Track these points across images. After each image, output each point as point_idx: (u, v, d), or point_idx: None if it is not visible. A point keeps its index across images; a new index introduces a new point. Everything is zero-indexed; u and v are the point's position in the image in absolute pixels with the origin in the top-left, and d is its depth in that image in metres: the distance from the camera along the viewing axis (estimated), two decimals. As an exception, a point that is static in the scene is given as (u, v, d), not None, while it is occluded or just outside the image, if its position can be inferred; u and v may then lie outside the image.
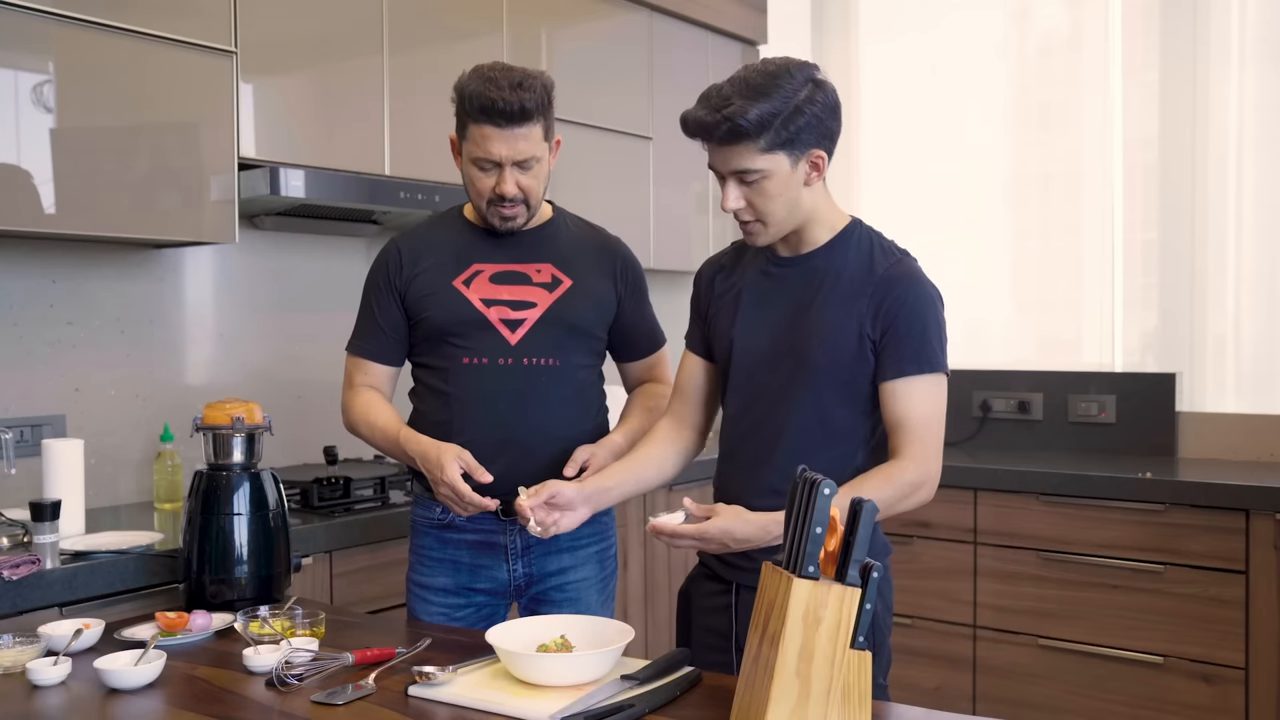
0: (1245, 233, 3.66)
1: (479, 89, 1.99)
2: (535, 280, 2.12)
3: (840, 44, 4.50)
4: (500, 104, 1.97)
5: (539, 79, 2.03)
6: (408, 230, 2.24)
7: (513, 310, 2.09)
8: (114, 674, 1.60)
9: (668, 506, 3.48)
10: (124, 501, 2.80)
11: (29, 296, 2.64)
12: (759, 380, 1.86)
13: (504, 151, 2.00)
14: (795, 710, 1.30)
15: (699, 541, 1.70)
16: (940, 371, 1.78)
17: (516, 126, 1.99)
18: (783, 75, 1.71)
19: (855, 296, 1.77)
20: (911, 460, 1.74)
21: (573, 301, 2.12)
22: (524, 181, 2.04)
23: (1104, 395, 3.78)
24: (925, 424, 1.76)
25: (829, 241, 1.83)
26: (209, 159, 2.58)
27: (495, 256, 2.13)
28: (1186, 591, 3.14)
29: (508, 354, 2.07)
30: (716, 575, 1.92)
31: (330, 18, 2.86)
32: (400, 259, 2.15)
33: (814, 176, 1.76)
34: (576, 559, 2.14)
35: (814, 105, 1.72)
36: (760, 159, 1.71)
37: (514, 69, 2.03)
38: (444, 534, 2.13)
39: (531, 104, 1.99)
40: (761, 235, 1.81)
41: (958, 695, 3.50)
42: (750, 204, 1.76)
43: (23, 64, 2.31)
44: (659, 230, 3.94)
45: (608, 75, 3.76)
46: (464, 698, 1.52)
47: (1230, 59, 3.65)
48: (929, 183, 4.27)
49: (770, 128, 1.69)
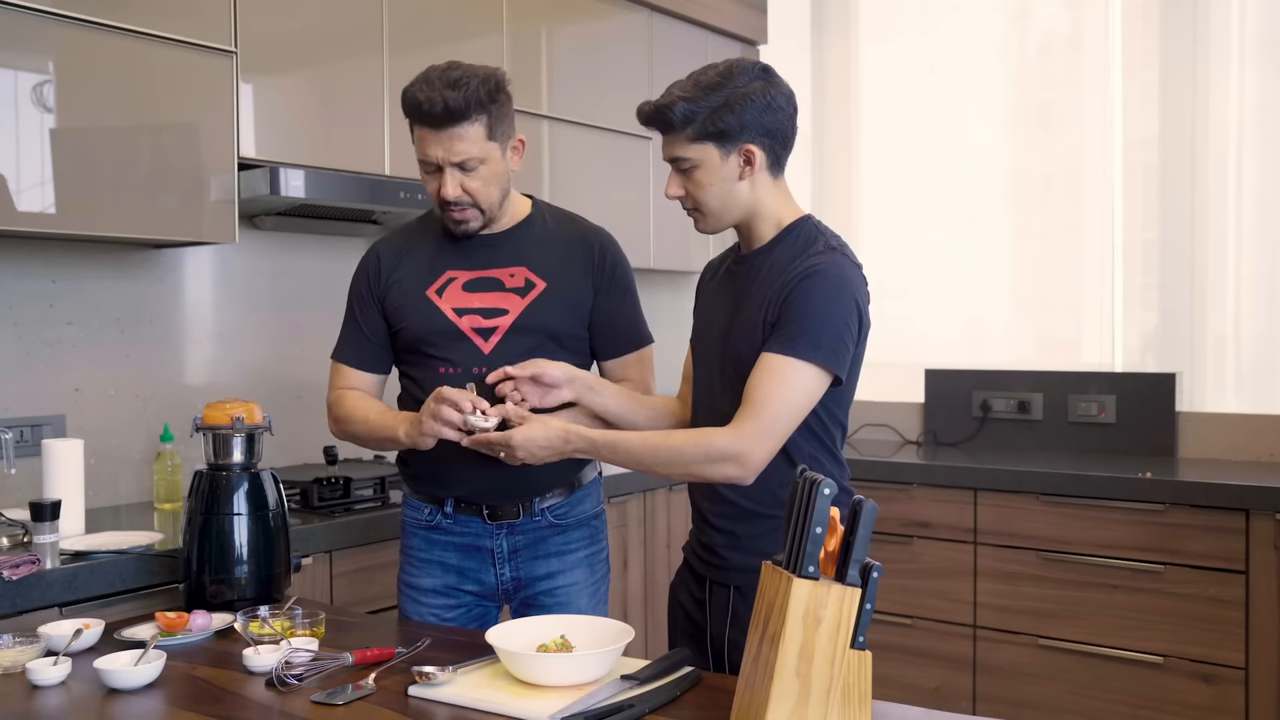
0: (1245, 233, 3.66)
1: (411, 89, 1.96)
2: (508, 285, 2.06)
3: (840, 44, 4.49)
4: (426, 104, 1.92)
5: (479, 77, 1.95)
6: (389, 234, 2.20)
7: (484, 318, 2.05)
8: (114, 674, 1.59)
9: (667, 506, 3.49)
10: (124, 501, 2.80)
11: (29, 296, 2.64)
12: (708, 375, 1.92)
13: (439, 153, 1.96)
14: (795, 710, 1.30)
15: (505, 446, 1.81)
16: (807, 360, 1.71)
17: (451, 127, 1.93)
18: (730, 73, 1.78)
19: (769, 289, 1.79)
20: (733, 430, 1.72)
21: (546, 306, 2.06)
22: (468, 184, 1.99)
23: (1104, 395, 3.78)
24: (764, 403, 1.71)
25: (774, 238, 1.85)
26: (209, 159, 2.58)
27: (469, 262, 2.08)
28: (1186, 591, 3.14)
29: (481, 363, 2.03)
30: (694, 571, 1.96)
31: (330, 18, 2.86)
32: (379, 265, 2.13)
33: (747, 171, 1.80)
34: (565, 563, 2.12)
35: (749, 102, 1.76)
36: (689, 148, 1.79)
37: (459, 67, 1.97)
38: (431, 535, 2.12)
39: (460, 103, 1.92)
40: (701, 223, 1.87)
41: (958, 695, 3.50)
42: (688, 192, 1.83)
43: (23, 64, 2.31)
44: (659, 230, 3.94)
45: (608, 75, 3.76)
46: (464, 698, 1.52)
47: (1230, 59, 3.65)
48: (929, 183, 4.27)
49: (695, 119, 1.77)
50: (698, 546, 1.94)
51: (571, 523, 2.12)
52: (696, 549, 1.95)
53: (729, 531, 1.86)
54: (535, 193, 3.43)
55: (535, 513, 2.08)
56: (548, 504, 2.09)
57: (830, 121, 4.45)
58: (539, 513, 2.08)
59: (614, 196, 3.77)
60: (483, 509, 2.07)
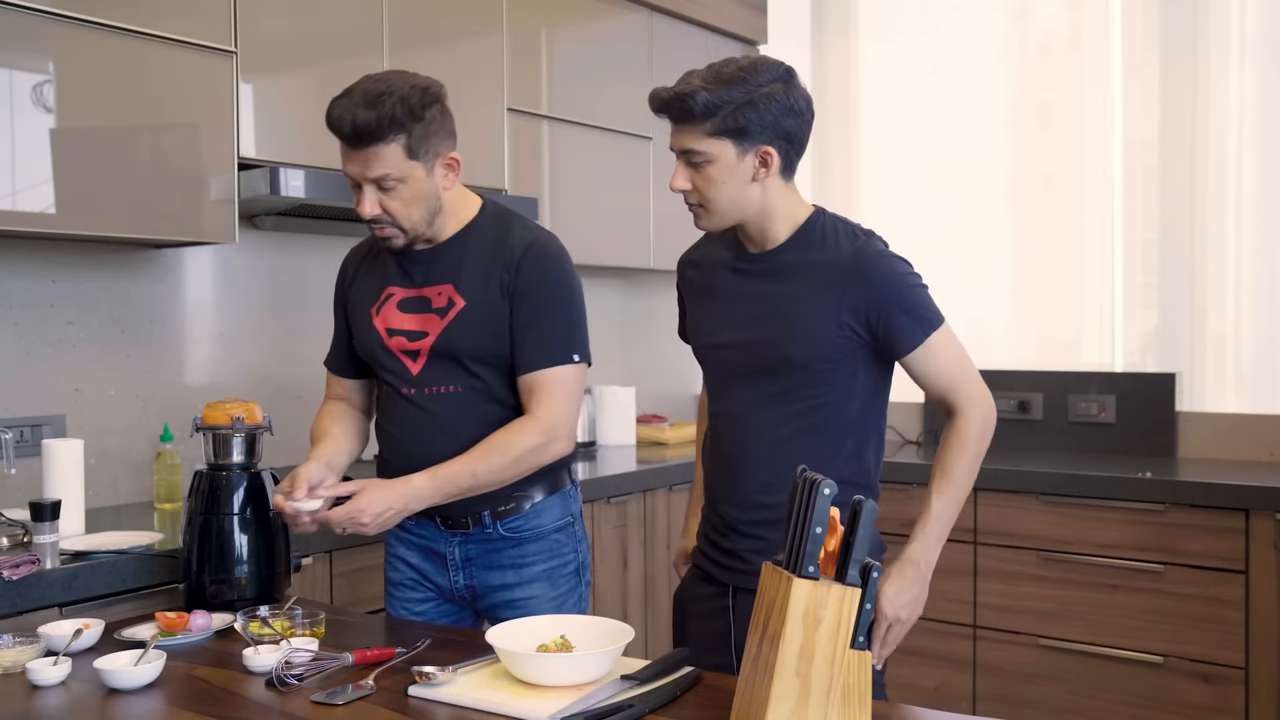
0: (1245, 233, 3.66)
1: (331, 103, 1.89)
2: (434, 305, 2.00)
3: (840, 44, 4.49)
4: (338, 122, 1.86)
5: (400, 93, 1.85)
6: (361, 243, 2.19)
7: (409, 340, 2.01)
8: (114, 674, 1.59)
9: (667, 506, 3.49)
10: (124, 501, 2.80)
11: (29, 296, 2.64)
12: (733, 375, 1.89)
13: (355, 170, 1.90)
14: (795, 710, 1.30)
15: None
16: (940, 324, 1.81)
17: (366, 146, 1.86)
18: (753, 70, 1.75)
19: (827, 287, 1.78)
20: (966, 407, 1.81)
21: (462, 327, 1.98)
22: (386, 203, 1.91)
23: (1104, 395, 3.78)
24: (959, 371, 1.81)
25: (792, 236, 1.84)
26: (209, 159, 2.58)
27: (408, 279, 2.04)
28: (1186, 591, 3.14)
29: (411, 384, 2.01)
30: (712, 578, 1.93)
31: (330, 18, 2.86)
32: (344, 275, 2.16)
33: (762, 172, 1.77)
34: (521, 576, 2.06)
35: (772, 102, 1.74)
36: (706, 142, 1.74)
37: (387, 81, 1.88)
38: (399, 533, 2.12)
39: (371, 123, 1.83)
40: (704, 219, 1.84)
41: (958, 695, 3.50)
42: (695, 187, 1.79)
43: (23, 64, 2.31)
44: (659, 230, 3.94)
45: (608, 75, 3.76)
46: (464, 698, 1.52)
47: (1230, 58, 3.65)
48: (929, 183, 4.27)
49: (718, 113, 1.72)
50: (717, 554, 1.91)
51: (527, 536, 2.06)
52: (716, 556, 1.92)
53: (758, 537, 1.84)
54: (535, 193, 3.46)
55: (486, 524, 2.04)
56: (500, 518, 2.04)
57: (830, 121, 4.45)
58: (490, 524, 2.04)
59: (614, 196, 3.77)
60: (436, 516, 2.05)
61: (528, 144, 3.43)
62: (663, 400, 4.45)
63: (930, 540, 1.78)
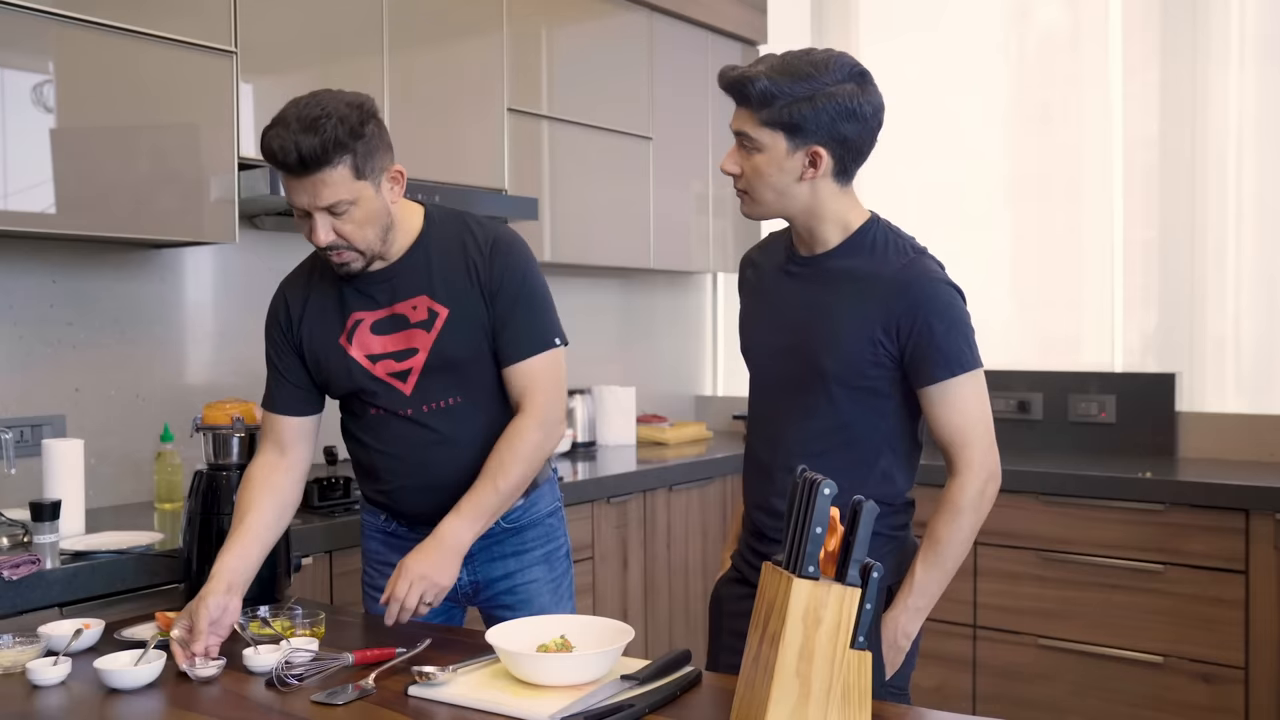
0: (1245, 233, 3.66)
1: (267, 134, 1.81)
2: (413, 320, 1.95)
3: (840, 44, 4.49)
4: (281, 154, 1.78)
5: (338, 115, 1.78)
6: (293, 273, 2.09)
7: (397, 361, 1.96)
8: (114, 674, 1.60)
9: (667, 506, 3.49)
10: (124, 501, 2.80)
11: (29, 296, 2.64)
12: (772, 381, 1.86)
13: (305, 200, 1.82)
14: (795, 710, 1.30)
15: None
16: (972, 370, 1.73)
17: (314, 172, 1.79)
18: (824, 66, 1.70)
19: (865, 300, 1.74)
20: (965, 469, 1.74)
21: (452, 334, 1.95)
22: (340, 228, 1.85)
23: (1104, 395, 3.78)
24: (971, 427, 1.73)
25: (843, 243, 1.80)
26: (209, 159, 2.58)
27: (372, 301, 1.97)
28: (1186, 591, 3.14)
29: (405, 405, 1.97)
30: (745, 579, 1.90)
31: (330, 18, 2.86)
32: (288, 312, 2.02)
33: (810, 173, 1.73)
34: (522, 563, 2.08)
35: (832, 103, 1.69)
36: (759, 129, 1.71)
37: (320, 103, 1.81)
38: (390, 540, 2.09)
39: (316, 149, 1.76)
40: (747, 206, 1.81)
41: (958, 695, 3.50)
42: (744, 172, 1.76)
43: (23, 64, 2.31)
44: (659, 230, 3.94)
45: (608, 75, 3.76)
46: (464, 698, 1.52)
47: (1230, 59, 3.65)
48: (929, 183, 4.26)
49: (773, 104, 1.68)
50: (751, 556, 1.87)
51: (526, 524, 2.08)
52: (750, 559, 1.88)
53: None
54: (535, 193, 3.46)
55: None
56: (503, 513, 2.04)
57: (830, 121, 4.44)
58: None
59: (614, 196, 3.77)
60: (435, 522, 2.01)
61: (528, 144, 3.43)
62: (663, 400, 4.45)
63: (910, 611, 1.73)
